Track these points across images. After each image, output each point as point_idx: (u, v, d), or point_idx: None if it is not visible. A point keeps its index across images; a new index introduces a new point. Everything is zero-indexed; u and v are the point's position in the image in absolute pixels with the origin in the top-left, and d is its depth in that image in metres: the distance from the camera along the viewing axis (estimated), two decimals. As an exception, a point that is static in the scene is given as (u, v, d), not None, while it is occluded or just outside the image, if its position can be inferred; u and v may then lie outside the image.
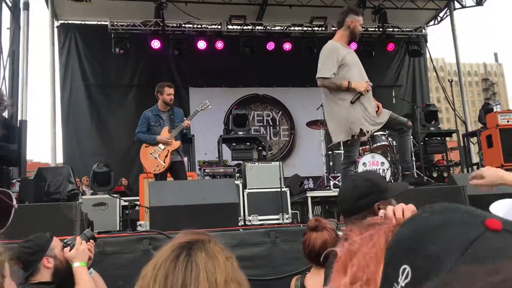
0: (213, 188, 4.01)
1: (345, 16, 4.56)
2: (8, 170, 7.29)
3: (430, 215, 0.69)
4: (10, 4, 8.13)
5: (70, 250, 2.39)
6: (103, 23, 11.06)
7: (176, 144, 5.70)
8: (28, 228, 3.21)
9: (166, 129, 5.75)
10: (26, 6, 8.52)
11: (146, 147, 5.72)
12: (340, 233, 2.53)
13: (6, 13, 8.04)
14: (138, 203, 6.56)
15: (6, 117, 7.73)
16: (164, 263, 1.01)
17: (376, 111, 4.54)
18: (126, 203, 6.70)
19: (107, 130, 11.10)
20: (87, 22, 11.48)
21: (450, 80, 8.77)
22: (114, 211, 6.95)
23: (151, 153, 5.64)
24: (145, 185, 6.24)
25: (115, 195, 7.08)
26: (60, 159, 10.83)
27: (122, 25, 10.58)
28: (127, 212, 6.92)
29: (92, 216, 5.90)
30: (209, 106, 6.08)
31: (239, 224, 4.69)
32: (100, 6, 10.55)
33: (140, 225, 5.94)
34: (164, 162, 5.57)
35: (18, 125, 8.01)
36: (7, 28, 8.15)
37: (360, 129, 4.38)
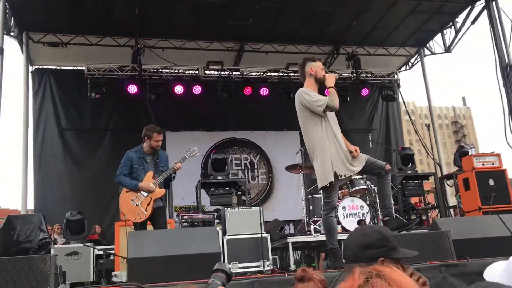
0: (194, 237, 3.88)
1: (303, 67, 4.69)
2: (-25, 219, 6.97)
3: None
4: (-16, 49, 8.03)
5: None
6: (79, 68, 11.05)
7: (160, 192, 5.36)
8: (0, 283, 3.02)
9: (151, 174, 5.38)
10: (1, 51, 8.42)
11: (126, 191, 5.32)
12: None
13: (-20, 58, 7.93)
14: (113, 252, 6.31)
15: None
16: None
17: (354, 156, 4.53)
18: (101, 252, 6.45)
19: (80, 175, 10.85)
20: (62, 67, 11.43)
21: (427, 125, 8.99)
22: (88, 260, 6.69)
23: (132, 200, 5.25)
24: (121, 233, 6.04)
25: (88, 244, 6.82)
26: (31, 206, 10.47)
27: (98, 70, 10.56)
28: (101, 261, 6.65)
29: (65, 266, 5.59)
30: (198, 153, 5.77)
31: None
32: (76, 51, 10.57)
33: (115, 275, 5.70)
34: (146, 211, 5.18)
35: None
36: (-19, 73, 8.02)
37: (335, 172, 4.37)
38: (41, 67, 11.22)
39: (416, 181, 8.93)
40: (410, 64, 12.94)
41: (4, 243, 7.01)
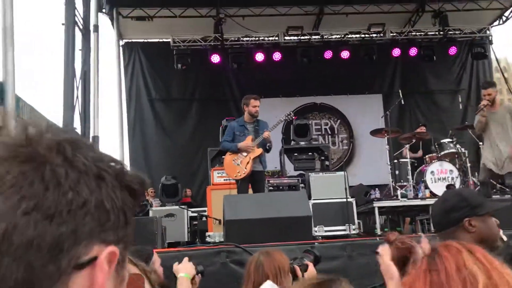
0: (286, 201, 4.07)
1: None
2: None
3: None
4: (81, 27, 8.63)
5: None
6: (164, 40, 11.51)
7: (258, 151, 5.80)
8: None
9: (250, 137, 5.90)
10: (96, 28, 9.02)
11: (229, 155, 5.89)
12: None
13: (78, 35, 8.55)
14: (206, 214, 6.73)
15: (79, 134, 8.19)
16: None
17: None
18: (195, 214, 6.90)
19: (170, 142, 11.49)
20: (149, 40, 11.99)
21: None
22: (183, 221, 7.19)
23: (233, 160, 5.80)
24: (213, 196, 6.43)
25: (183, 206, 7.31)
26: (127, 172, 11.30)
27: (183, 41, 10.95)
28: (195, 223, 7.12)
29: (162, 227, 6.12)
30: (294, 117, 6.41)
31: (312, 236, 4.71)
32: (162, 24, 10.99)
33: (209, 235, 6.08)
34: (246, 168, 5.69)
35: (91, 141, 8.45)
36: (79, 50, 8.66)
37: (483, 163, 5.95)
38: (130, 41, 11.86)
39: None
40: (504, 18, 11.99)
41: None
